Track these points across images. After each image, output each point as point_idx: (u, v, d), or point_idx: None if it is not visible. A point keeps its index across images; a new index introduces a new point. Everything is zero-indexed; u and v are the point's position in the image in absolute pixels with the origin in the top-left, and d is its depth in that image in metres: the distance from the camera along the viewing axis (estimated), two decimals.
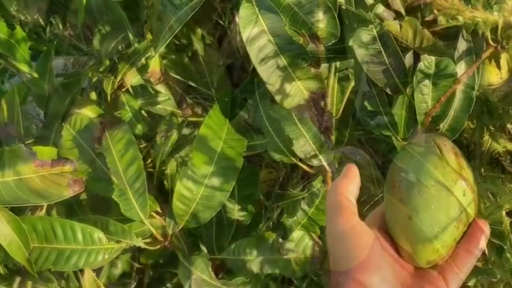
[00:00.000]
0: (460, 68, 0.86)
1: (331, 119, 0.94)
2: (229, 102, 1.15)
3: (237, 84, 1.25)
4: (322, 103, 0.94)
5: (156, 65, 1.10)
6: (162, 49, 1.02)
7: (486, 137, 1.26)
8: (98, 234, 1.10)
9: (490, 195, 1.17)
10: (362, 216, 0.69)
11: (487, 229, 0.70)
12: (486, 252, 1.11)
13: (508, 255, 1.02)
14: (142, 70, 1.18)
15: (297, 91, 0.91)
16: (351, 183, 0.68)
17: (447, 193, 0.67)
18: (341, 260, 0.63)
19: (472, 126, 1.28)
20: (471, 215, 0.69)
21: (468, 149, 1.28)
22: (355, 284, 0.60)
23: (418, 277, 0.69)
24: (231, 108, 1.15)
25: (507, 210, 0.94)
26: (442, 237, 0.68)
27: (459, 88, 0.86)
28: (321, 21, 0.95)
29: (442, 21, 0.84)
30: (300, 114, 0.92)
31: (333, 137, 1.18)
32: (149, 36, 1.20)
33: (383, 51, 0.86)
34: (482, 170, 1.24)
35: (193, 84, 1.37)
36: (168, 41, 0.98)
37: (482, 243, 0.69)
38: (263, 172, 1.49)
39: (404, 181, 0.69)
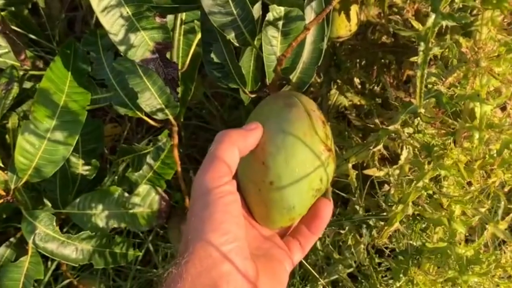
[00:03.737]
0: (310, 18, 0.85)
1: (176, 70, 0.93)
2: (71, 55, 1.13)
3: (80, 37, 1.23)
4: (167, 54, 0.93)
5: None
6: None
7: (333, 90, 1.32)
8: None
9: (337, 149, 1.23)
10: None
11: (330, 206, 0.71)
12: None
13: (357, 206, 1.08)
14: None
15: (142, 41, 0.90)
16: (242, 138, 0.64)
17: (313, 164, 0.66)
18: (196, 215, 0.61)
19: (319, 80, 1.34)
20: (328, 184, 0.70)
21: (315, 102, 1.33)
22: (205, 244, 0.58)
23: (268, 239, 0.70)
24: (74, 61, 1.13)
25: (353, 163, 0.97)
26: (301, 206, 0.68)
27: (309, 40, 0.86)
28: None
29: None
30: (145, 65, 0.91)
31: (179, 90, 1.19)
32: None
33: (230, 1, 0.84)
34: (329, 123, 1.29)
35: (34, 37, 1.34)
36: None
37: (328, 217, 0.71)
38: (107, 127, 1.49)
39: (269, 144, 0.66)
